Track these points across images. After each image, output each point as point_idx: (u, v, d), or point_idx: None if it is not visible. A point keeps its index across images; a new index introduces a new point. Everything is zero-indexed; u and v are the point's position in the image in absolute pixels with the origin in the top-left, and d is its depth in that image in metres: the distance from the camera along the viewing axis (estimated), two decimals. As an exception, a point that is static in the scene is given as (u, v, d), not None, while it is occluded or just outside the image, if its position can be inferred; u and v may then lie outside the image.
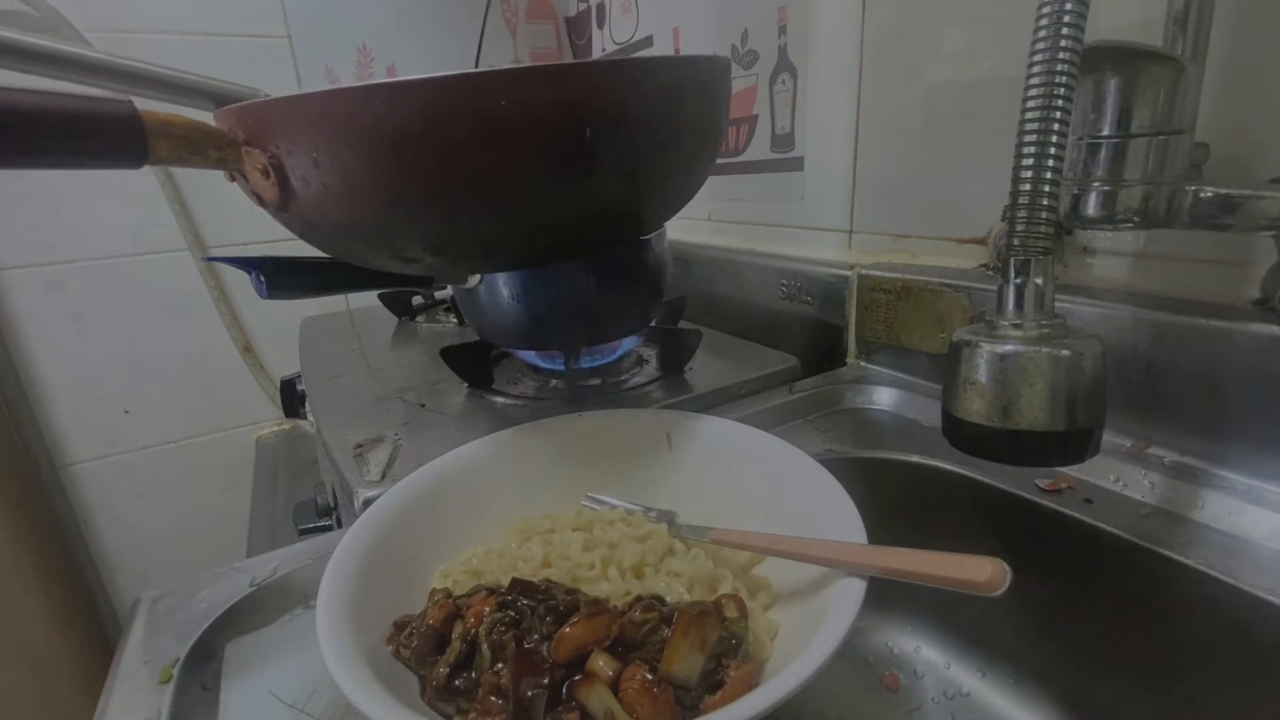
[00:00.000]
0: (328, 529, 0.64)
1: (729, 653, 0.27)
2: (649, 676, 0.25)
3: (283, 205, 0.38)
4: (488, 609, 0.28)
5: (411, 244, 0.40)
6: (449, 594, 0.31)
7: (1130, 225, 0.36)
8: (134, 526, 1.03)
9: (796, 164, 0.71)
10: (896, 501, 0.47)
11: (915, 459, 0.47)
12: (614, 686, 0.25)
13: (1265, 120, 0.36)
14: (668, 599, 0.31)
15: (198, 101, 0.42)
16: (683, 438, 0.42)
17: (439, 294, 0.91)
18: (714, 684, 0.26)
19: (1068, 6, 0.26)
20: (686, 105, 0.40)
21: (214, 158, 0.36)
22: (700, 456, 0.41)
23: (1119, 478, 0.41)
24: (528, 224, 0.39)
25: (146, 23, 0.90)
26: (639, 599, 0.29)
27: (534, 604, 0.28)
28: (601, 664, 0.25)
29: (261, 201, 0.39)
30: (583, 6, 1.10)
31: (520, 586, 0.29)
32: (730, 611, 0.29)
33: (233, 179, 0.40)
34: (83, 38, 0.92)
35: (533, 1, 1.14)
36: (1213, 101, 0.36)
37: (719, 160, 0.82)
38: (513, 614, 0.27)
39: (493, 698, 0.25)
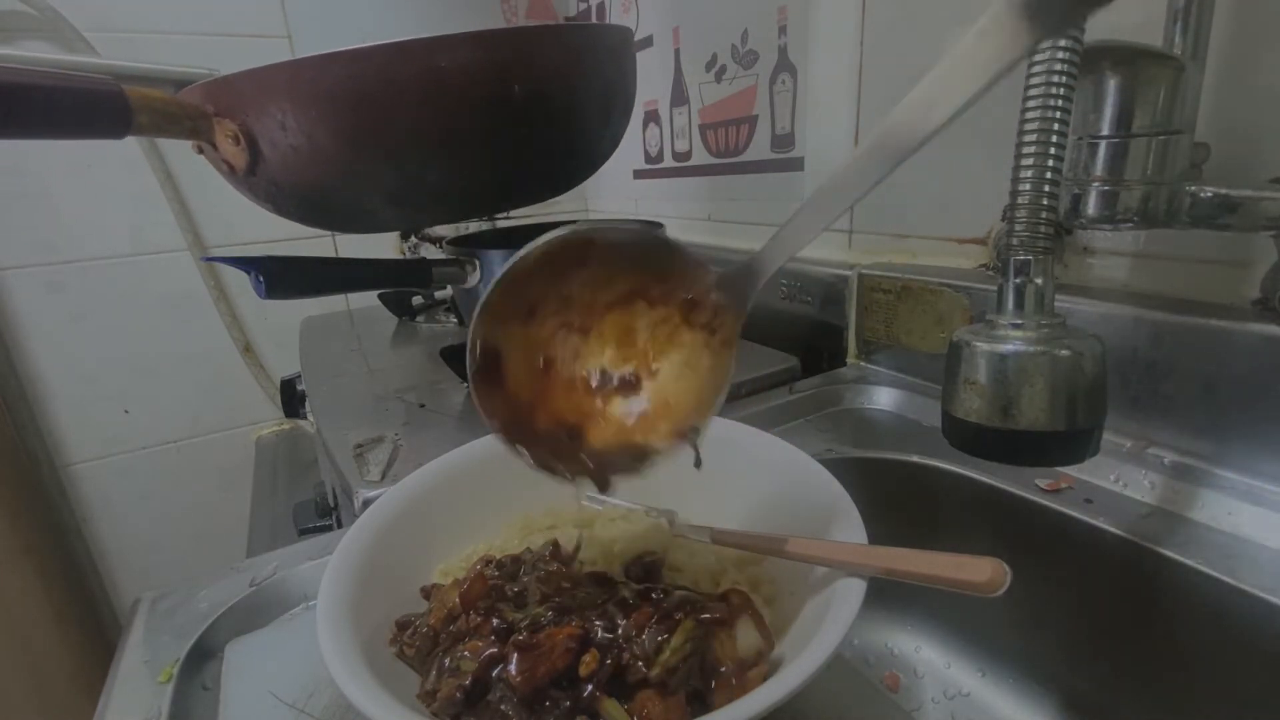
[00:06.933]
0: (328, 529, 0.64)
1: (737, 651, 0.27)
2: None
3: (250, 170, 0.42)
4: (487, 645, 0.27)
5: (371, 197, 0.44)
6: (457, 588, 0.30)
7: (1130, 225, 0.36)
8: (134, 526, 1.03)
9: (796, 164, 0.71)
10: (896, 501, 0.47)
11: (915, 459, 0.47)
12: (624, 685, 0.25)
13: (1265, 120, 0.36)
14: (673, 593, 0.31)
15: (161, 90, 0.46)
16: (683, 438, 0.42)
17: (439, 294, 0.91)
18: (720, 681, 0.26)
19: (1068, 6, 0.26)
20: (598, 65, 0.47)
21: (188, 127, 0.40)
22: (700, 456, 0.41)
23: (1119, 478, 0.41)
24: (470, 171, 0.45)
25: (146, 23, 0.90)
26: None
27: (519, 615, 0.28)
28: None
29: (231, 169, 0.42)
30: (583, 6, 1.10)
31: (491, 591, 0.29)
32: (738, 608, 0.29)
33: (200, 150, 0.44)
34: (83, 38, 0.93)
35: (533, 0, 1.14)
36: (1213, 101, 0.36)
37: (719, 160, 0.82)
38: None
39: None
